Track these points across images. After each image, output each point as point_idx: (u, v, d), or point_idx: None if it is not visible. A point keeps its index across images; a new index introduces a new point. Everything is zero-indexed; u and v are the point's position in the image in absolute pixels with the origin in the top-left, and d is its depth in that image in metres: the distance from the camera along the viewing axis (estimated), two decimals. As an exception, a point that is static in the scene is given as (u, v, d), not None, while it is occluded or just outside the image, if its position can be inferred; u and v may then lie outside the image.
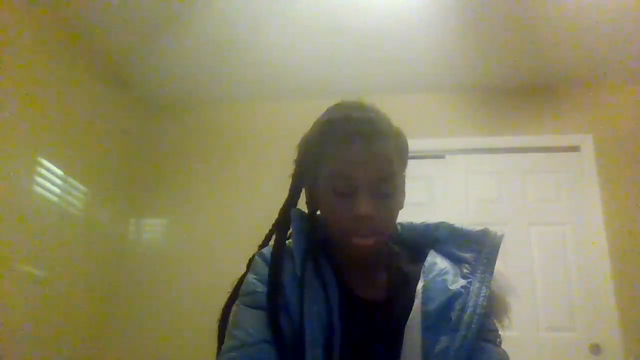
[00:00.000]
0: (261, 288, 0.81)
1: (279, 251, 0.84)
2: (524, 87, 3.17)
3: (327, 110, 0.90)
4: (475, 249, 0.86)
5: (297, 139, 0.94)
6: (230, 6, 2.58)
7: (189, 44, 2.90)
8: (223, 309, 0.87)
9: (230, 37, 2.82)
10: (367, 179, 0.80)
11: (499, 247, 0.85)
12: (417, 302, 0.81)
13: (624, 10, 2.51)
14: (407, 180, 0.90)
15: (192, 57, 3.03)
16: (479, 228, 0.89)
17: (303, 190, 0.92)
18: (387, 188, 0.82)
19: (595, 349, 2.64)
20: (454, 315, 0.78)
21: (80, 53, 2.90)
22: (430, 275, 0.85)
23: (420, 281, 0.85)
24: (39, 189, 2.55)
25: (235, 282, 0.89)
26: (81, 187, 2.88)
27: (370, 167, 0.80)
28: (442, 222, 0.94)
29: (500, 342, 0.83)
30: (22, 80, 2.45)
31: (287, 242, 0.87)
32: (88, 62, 2.98)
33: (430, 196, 3.07)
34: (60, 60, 2.72)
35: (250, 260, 0.88)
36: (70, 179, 2.80)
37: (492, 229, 0.88)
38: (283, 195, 0.94)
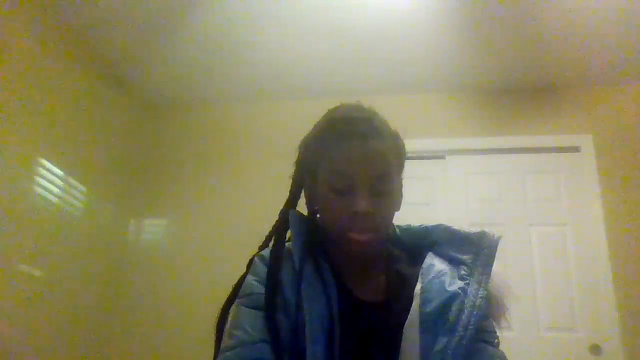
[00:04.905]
0: (260, 289, 0.82)
1: (278, 252, 0.86)
2: (523, 87, 3.17)
3: (327, 112, 0.92)
4: (472, 250, 0.87)
5: (297, 139, 0.95)
6: (230, 6, 2.58)
7: (188, 44, 2.90)
8: (221, 310, 0.88)
9: (230, 37, 2.82)
10: (365, 177, 0.82)
11: (496, 248, 0.86)
12: (415, 303, 0.82)
13: (624, 11, 2.51)
14: (407, 181, 0.91)
15: (192, 57, 3.03)
16: (476, 230, 0.90)
17: (303, 192, 0.94)
18: (385, 187, 0.84)
19: (595, 349, 2.64)
20: (451, 316, 0.79)
21: (80, 53, 2.90)
22: (428, 277, 0.85)
23: (418, 283, 0.85)
24: (39, 189, 2.56)
25: (235, 284, 0.89)
26: (81, 187, 2.88)
27: (369, 166, 0.82)
28: (440, 225, 0.95)
29: (498, 343, 0.84)
30: (22, 81, 2.45)
31: (286, 243, 0.88)
32: (88, 62, 2.98)
33: (430, 196, 3.07)
34: (60, 60, 2.72)
35: (250, 262, 0.89)
36: (70, 179, 2.80)
37: (490, 231, 0.89)
38: (283, 195, 0.95)
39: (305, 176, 0.92)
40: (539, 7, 2.50)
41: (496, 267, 0.85)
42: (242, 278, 0.88)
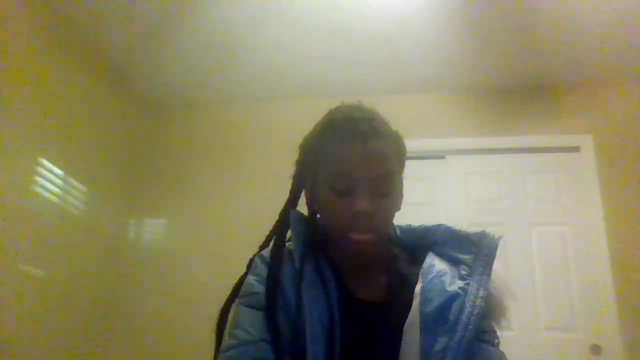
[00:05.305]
0: (260, 289, 0.82)
1: (278, 252, 0.86)
2: (524, 87, 3.17)
3: (328, 112, 0.92)
4: (473, 250, 0.87)
5: (297, 138, 0.95)
6: (230, 6, 2.58)
7: (189, 44, 2.90)
8: (221, 310, 0.88)
9: (230, 37, 2.82)
10: (366, 177, 0.82)
11: (496, 249, 0.86)
12: (416, 303, 0.82)
13: (624, 11, 2.51)
14: (407, 181, 0.92)
15: (192, 57, 3.04)
16: (476, 230, 0.90)
17: (303, 192, 0.94)
18: (385, 187, 0.84)
19: (595, 349, 2.64)
20: (451, 316, 0.79)
21: (80, 53, 2.90)
22: (429, 277, 0.85)
23: (418, 283, 0.85)
24: (39, 189, 2.56)
25: (235, 284, 0.89)
26: (81, 187, 2.88)
27: (369, 166, 0.82)
28: (441, 225, 0.95)
29: (498, 344, 0.84)
30: (22, 80, 2.45)
31: (287, 243, 0.88)
32: (88, 62, 2.98)
33: (430, 196, 3.07)
34: (60, 60, 2.72)
35: (250, 262, 0.89)
36: (70, 179, 2.80)
37: (490, 231, 0.89)
38: (283, 195, 0.95)
39: (305, 176, 0.92)
40: (539, 7, 2.50)
41: (496, 267, 0.85)
42: (242, 278, 0.88)
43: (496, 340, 0.84)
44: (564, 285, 2.81)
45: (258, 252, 0.91)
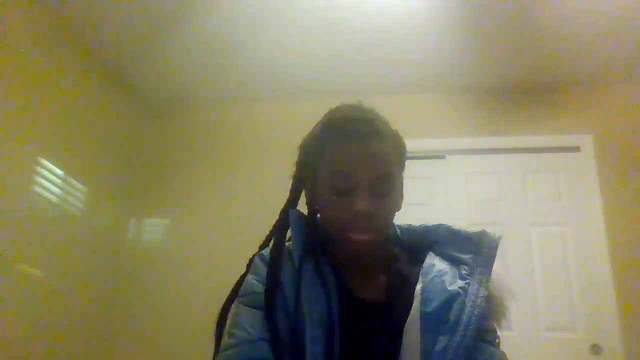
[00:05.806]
0: (260, 288, 0.82)
1: (278, 252, 0.86)
2: (524, 87, 3.17)
3: (328, 112, 0.92)
4: (473, 250, 0.87)
5: (297, 139, 0.95)
6: (230, 6, 2.58)
7: (189, 44, 2.90)
8: (221, 310, 0.88)
9: (230, 37, 2.82)
10: (366, 177, 0.82)
11: (496, 248, 0.86)
12: (416, 303, 0.82)
13: (624, 11, 2.51)
14: (407, 181, 0.92)
15: (192, 57, 3.04)
16: (477, 230, 0.90)
17: (303, 192, 0.94)
18: (385, 187, 0.84)
19: (595, 349, 2.64)
20: (452, 316, 0.79)
21: (80, 53, 2.90)
22: (429, 277, 0.85)
23: (419, 282, 0.85)
24: (39, 189, 2.56)
25: (235, 283, 0.89)
26: (81, 187, 2.88)
27: (369, 166, 0.82)
28: (441, 225, 0.95)
29: (499, 343, 0.84)
30: (22, 80, 2.45)
31: (287, 243, 0.88)
32: (88, 62, 2.98)
33: (430, 196, 3.07)
34: (60, 60, 2.72)
35: (250, 262, 0.89)
36: (70, 179, 2.80)
37: (490, 230, 0.89)
38: (283, 195, 0.95)
39: (305, 176, 0.92)
40: (539, 7, 2.51)
41: (496, 267, 0.85)
42: (242, 277, 0.88)
43: (497, 340, 0.84)
44: (564, 285, 2.81)
45: (258, 252, 0.91)
